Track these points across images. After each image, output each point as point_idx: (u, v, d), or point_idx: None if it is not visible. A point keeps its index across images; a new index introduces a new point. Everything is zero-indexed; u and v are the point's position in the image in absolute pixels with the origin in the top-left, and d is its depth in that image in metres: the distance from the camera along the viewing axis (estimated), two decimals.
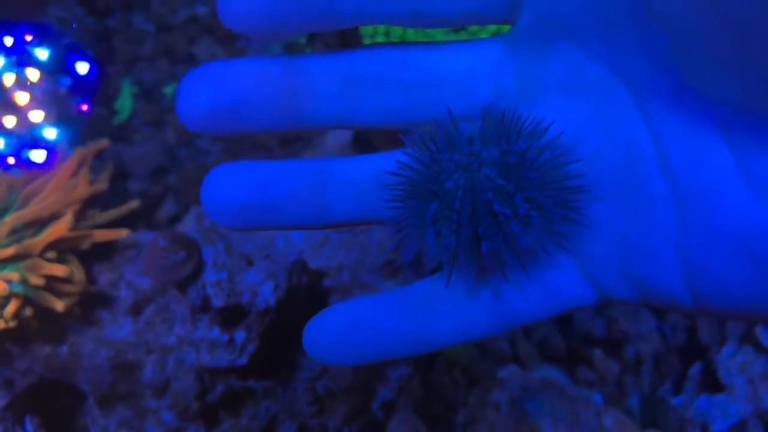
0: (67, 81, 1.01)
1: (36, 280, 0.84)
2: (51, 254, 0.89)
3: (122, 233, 0.92)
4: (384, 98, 0.36)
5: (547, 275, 0.37)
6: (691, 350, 1.13)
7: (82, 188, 0.92)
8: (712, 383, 1.03)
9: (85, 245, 0.91)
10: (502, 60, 0.36)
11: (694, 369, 1.08)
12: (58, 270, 0.86)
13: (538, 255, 0.36)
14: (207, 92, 0.34)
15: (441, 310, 0.37)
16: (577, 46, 0.34)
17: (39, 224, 0.90)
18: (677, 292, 0.33)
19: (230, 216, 0.36)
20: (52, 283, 0.88)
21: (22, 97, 0.94)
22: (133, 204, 1.00)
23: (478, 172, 0.35)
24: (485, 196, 0.35)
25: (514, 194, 0.35)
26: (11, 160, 0.92)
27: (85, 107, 1.02)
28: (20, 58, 0.97)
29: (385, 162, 0.37)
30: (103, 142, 1.00)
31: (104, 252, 0.96)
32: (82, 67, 1.01)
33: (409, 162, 0.36)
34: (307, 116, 0.36)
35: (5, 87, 0.94)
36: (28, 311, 0.85)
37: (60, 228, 0.87)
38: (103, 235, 0.93)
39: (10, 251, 0.83)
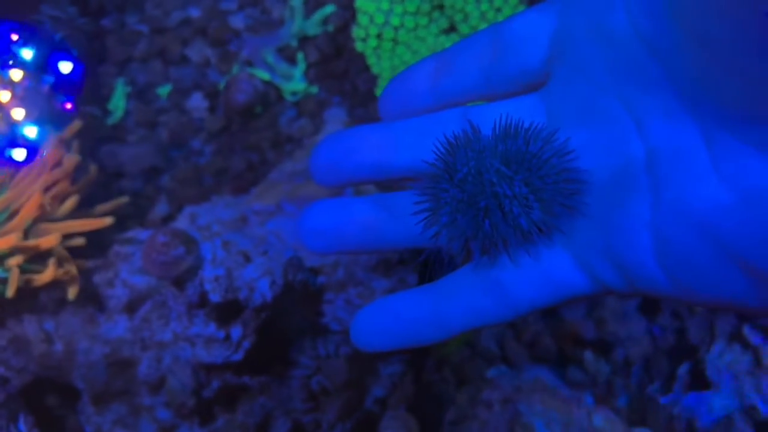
0: (49, 79, 1.00)
1: (14, 261, 0.84)
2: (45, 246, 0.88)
3: (107, 221, 0.92)
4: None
5: (543, 262, 0.42)
6: (680, 351, 1.14)
7: (67, 163, 0.92)
8: (700, 382, 1.04)
9: (78, 241, 0.91)
10: (537, 103, 0.45)
11: (683, 368, 1.09)
12: (51, 240, 0.86)
13: (535, 234, 0.42)
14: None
15: (455, 299, 0.44)
16: (591, 84, 0.41)
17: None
18: (653, 273, 0.37)
19: (318, 242, 0.48)
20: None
21: (3, 96, 0.94)
22: (123, 200, 1.01)
23: (485, 161, 0.41)
24: (489, 177, 0.41)
25: (513, 177, 0.41)
26: None
27: (69, 105, 1.02)
28: (4, 58, 0.96)
29: None
30: (77, 125, 0.99)
31: (99, 251, 0.96)
32: (66, 66, 1.01)
33: (433, 160, 0.44)
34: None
35: None
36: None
37: (34, 202, 0.86)
38: (88, 224, 0.92)
39: None
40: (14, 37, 0.97)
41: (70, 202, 0.93)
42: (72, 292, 0.90)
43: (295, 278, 0.85)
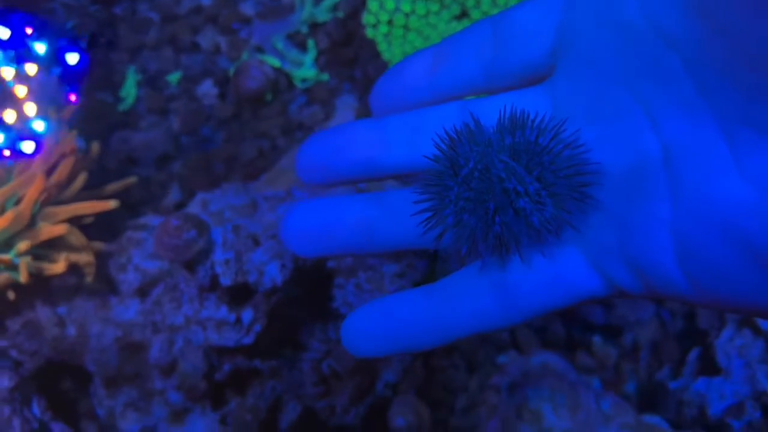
0: (57, 71, 1.00)
1: (23, 247, 0.85)
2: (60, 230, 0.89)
3: (113, 204, 0.93)
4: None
5: (554, 263, 0.39)
6: (689, 336, 1.14)
7: (67, 144, 0.92)
8: (710, 367, 1.04)
9: (87, 219, 0.92)
10: (541, 96, 0.42)
11: (693, 354, 1.09)
12: (59, 230, 0.87)
13: (547, 233, 0.38)
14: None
15: (458, 302, 0.41)
16: (601, 77, 0.39)
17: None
18: (673, 275, 0.35)
19: (303, 244, 0.44)
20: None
21: (20, 91, 0.94)
22: (131, 180, 1.01)
23: (492, 155, 0.38)
24: (497, 172, 0.38)
25: (524, 173, 0.38)
26: (7, 153, 0.92)
27: (72, 97, 1.02)
28: (19, 52, 0.97)
29: None
30: (71, 108, 0.99)
31: (112, 237, 0.97)
32: (72, 58, 1.01)
33: (434, 156, 0.40)
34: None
35: (4, 81, 0.94)
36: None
37: (36, 186, 0.87)
38: (95, 206, 0.93)
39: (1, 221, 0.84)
40: (29, 30, 0.98)
41: (79, 180, 0.93)
42: (90, 277, 0.91)
43: (305, 263, 0.86)
